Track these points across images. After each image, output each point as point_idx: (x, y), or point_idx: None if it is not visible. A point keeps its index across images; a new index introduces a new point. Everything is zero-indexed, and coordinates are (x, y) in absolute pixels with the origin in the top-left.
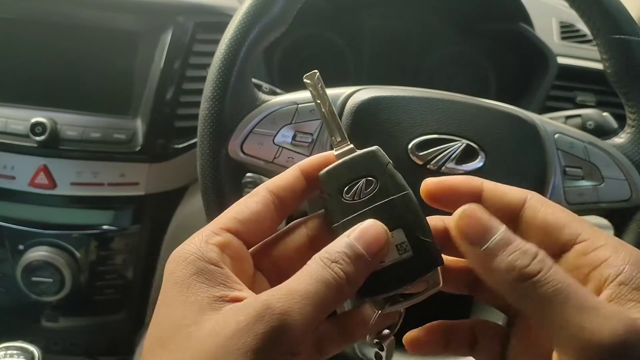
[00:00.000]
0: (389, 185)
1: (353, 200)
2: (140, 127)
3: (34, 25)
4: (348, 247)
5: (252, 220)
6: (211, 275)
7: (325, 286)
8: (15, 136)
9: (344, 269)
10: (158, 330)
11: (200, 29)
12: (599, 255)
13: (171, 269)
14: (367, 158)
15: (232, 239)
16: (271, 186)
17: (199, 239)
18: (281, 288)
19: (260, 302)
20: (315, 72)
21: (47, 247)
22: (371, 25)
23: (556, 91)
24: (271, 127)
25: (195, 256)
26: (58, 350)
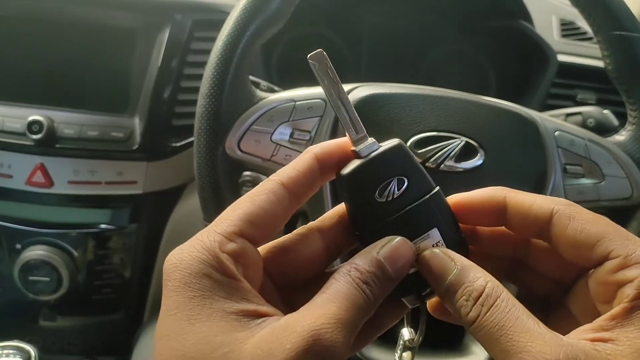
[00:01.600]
0: (420, 183)
1: (385, 202)
2: (138, 126)
3: (31, 23)
4: (378, 268)
5: (266, 222)
6: (232, 290)
7: (360, 311)
8: (12, 134)
9: (373, 291)
10: (183, 350)
11: (198, 27)
12: (627, 274)
13: (184, 280)
14: (394, 154)
15: (245, 245)
16: (285, 179)
17: (210, 244)
18: (322, 313)
19: (309, 330)
20: (321, 50)
21: (44, 246)
22: (370, 23)
23: (556, 89)
24: (268, 124)
25: (211, 268)
26: (56, 349)
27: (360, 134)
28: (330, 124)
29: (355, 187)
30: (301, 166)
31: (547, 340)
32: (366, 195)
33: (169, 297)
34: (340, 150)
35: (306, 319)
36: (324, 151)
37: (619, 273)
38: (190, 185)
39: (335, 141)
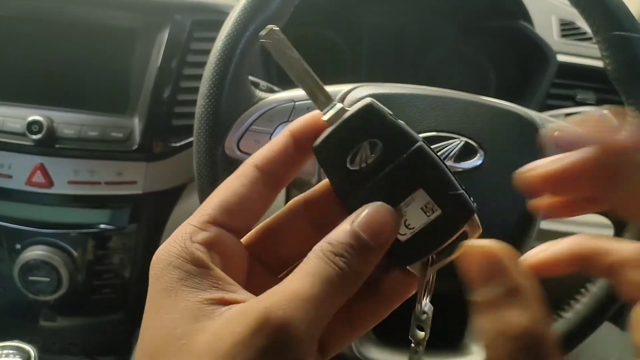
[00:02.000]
0: (396, 141)
1: (359, 170)
2: (138, 126)
3: (30, 23)
4: (353, 238)
5: (241, 207)
6: (200, 279)
7: (330, 285)
8: (11, 135)
9: (349, 262)
10: (147, 343)
11: (198, 27)
12: None
13: (156, 275)
14: (363, 116)
15: (220, 233)
16: (258, 160)
17: (182, 236)
18: (281, 291)
19: (259, 310)
20: (272, 27)
21: (44, 246)
22: (370, 23)
23: (556, 89)
24: (268, 124)
25: (181, 259)
26: (56, 349)
27: (327, 101)
28: None
29: (326, 158)
30: (275, 145)
31: None
32: (338, 165)
33: (148, 295)
34: (314, 123)
35: (261, 300)
36: (297, 127)
37: None
38: (190, 186)
39: (307, 115)
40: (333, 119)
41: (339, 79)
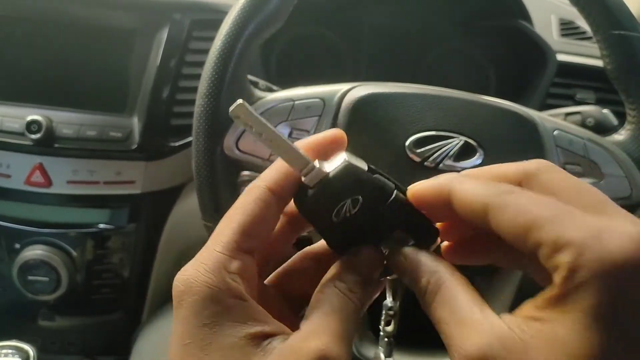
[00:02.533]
0: (374, 194)
1: (344, 220)
2: (137, 125)
3: (29, 23)
4: (359, 274)
5: (260, 230)
6: (240, 312)
7: (352, 317)
8: (10, 134)
9: (359, 297)
10: None
11: (197, 27)
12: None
13: (193, 308)
14: (343, 177)
15: (246, 259)
16: (271, 182)
17: (215, 265)
18: (324, 331)
19: (316, 350)
20: (239, 101)
21: (43, 245)
22: (370, 23)
23: (556, 88)
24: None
25: (219, 292)
26: (55, 349)
27: (305, 164)
28: (329, 123)
29: (312, 216)
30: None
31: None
32: (324, 220)
33: (181, 324)
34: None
35: (311, 339)
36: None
37: (550, 261)
38: (188, 185)
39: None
40: (313, 182)
41: (338, 78)
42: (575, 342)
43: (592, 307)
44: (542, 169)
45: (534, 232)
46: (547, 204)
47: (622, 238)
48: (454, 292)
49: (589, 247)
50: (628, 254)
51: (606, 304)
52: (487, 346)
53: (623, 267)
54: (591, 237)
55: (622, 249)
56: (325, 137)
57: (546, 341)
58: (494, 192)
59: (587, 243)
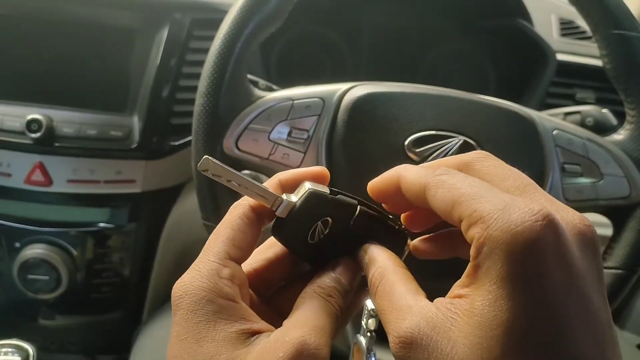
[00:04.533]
0: (341, 212)
1: (318, 241)
2: (137, 124)
3: (30, 22)
4: (336, 282)
5: (245, 242)
6: (232, 312)
7: (332, 318)
8: (11, 133)
9: (336, 301)
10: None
11: (197, 26)
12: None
13: (191, 308)
14: (309, 205)
15: (236, 267)
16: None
17: (208, 272)
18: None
19: (297, 338)
20: (205, 157)
21: (43, 244)
22: (370, 22)
23: (556, 88)
24: (266, 123)
25: (213, 294)
26: (55, 348)
27: (274, 199)
28: (328, 123)
29: (288, 241)
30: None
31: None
32: (300, 243)
33: (179, 324)
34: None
35: (292, 330)
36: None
37: (467, 233)
38: (188, 184)
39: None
40: (284, 213)
41: (338, 77)
42: (488, 314)
43: (499, 277)
44: (477, 158)
45: (457, 207)
46: (472, 183)
47: (523, 211)
48: (392, 284)
49: (494, 220)
50: (526, 225)
51: (510, 273)
52: (416, 327)
53: (522, 237)
54: (498, 210)
55: (523, 221)
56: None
57: (467, 316)
58: (432, 174)
59: (493, 216)
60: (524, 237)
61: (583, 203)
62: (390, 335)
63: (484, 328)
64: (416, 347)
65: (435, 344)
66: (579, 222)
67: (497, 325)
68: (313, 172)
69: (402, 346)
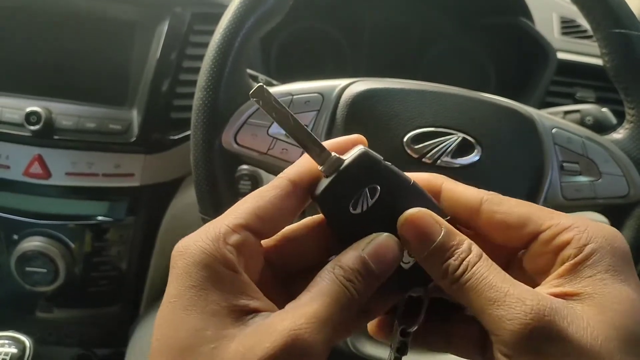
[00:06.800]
0: (393, 183)
1: (362, 213)
2: (136, 118)
3: (30, 14)
4: (362, 265)
5: (272, 215)
6: (230, 282)
7: (341, 306)
8: (9, 125)
9: (356, 287)
10: (173, 338)
11: (197, 20)
12: (563, 238)
13: (186, 269)
14: (360, 165)
15: (249, 237)
16: (292, 174)
17: (215, 234)
18: (303, 312)
19: (287, 331)
20: (260, 85)
21: (41, 237)
22: (371, 19)
23: (556, 87)
24: (266, 118)
25: (212, 258)
26: (52, 341)
27: (324, 152)
28: (328, 118)
29: (329, 207)
30: (304, 161)
31: (526, 289)
32: (341, 211)
33: (171, 284)
34: (309, 171)
35: (288, 317)
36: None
37: (555, 240)
38: (187, 179)
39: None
40: (330, 170)
41: (338, 73)
42: (609, 294)
43: (611, 268)
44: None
45: (534, 220)
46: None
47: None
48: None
49: (589, 227)
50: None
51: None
52: (547, 303)
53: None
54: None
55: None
56: (348, 139)
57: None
58: (489, 193)
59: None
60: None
61: (581, 202)
62: (511, 323)
63: (609, 306)
64: (551, 324)
65: (571, 318)
66: None
67: (620, 302)
68: (354, 138)
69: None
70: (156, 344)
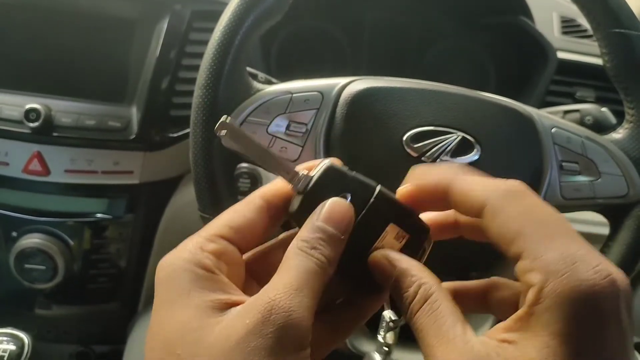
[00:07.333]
0: (361, 191)
1: None
2: (136, 115)
3: (29, 11)
4: (320, 231)
5: (245, 228)
6: (209, 282)
7: (314, 274)
8: (9, 122)
9: (323, 252)
10: (162, 335)
11: (197, 17)
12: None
13: (168, 277)
14: (327, 177)
15: (226, 245)
16: (263, 192)
17: (193, 245)
18: (276, 286)
19: (264, 303)
20: (224, 117)
21: (40, 234)
22: (371, 18)
23: (556, 86)
24: (265, 116)
25: (192, 264)
26: (51, 338)
27: (293, 172)
28: (327, 116)
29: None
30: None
31: (455, 346)
32: None
33: (156, 292)
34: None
35: (262, 295)
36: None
37: (525, 275)
38: (186, 176)
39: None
40: (300, 187)
41: (338, 72)
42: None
43: (559, 332)
44: None
45: (519, 243)
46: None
47: (590, 268)
48: (439, 308)
49: (562, 275)
50: (592, 284)
51: (572, 330)
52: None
53: (588, 296)
54: (566, 265)
55: (591, 280)
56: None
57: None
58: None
59: (561, 270)
60: (590, 296)
61: (580, 202)
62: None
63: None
64: None
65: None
66: (624, 277)
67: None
68: None
69: None
70: (148, 344)
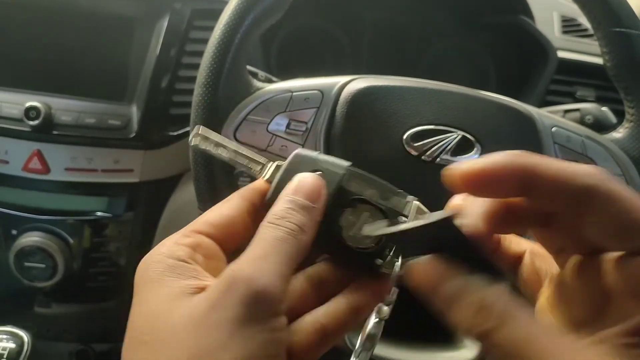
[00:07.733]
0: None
1: None
2: (135, 114)
3: (30, 10)
4: (290, 203)
5: (224, 225)
6: (182, 270)
7: (281, 241)
8: (9, 120)
9: (292, 220)
10: (134, 328)
11: (197, 16)
12: None
13: (142, 270)
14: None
15: (203, 239)
16: (242, 191)
17: (170, 241)
18: (240, 259)
19: (226, 276)
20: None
21: (40, 232)
22: (371, 17)
23: (556, 85)
24: (265, 114)
25: (164, 255)
26: (50, 336)
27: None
28: (327, 115)
29: None
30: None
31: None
32: None
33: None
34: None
35: (225, 271)
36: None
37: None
38: (186, 175)
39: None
40: (273, 176)
41: (339, 71)
42: None
43: None
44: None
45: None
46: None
47: None
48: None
49: None
50: None
51: None
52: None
53: None
54: None
55: None
56: None
57: None
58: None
59: None
60: None
61: None
62: None
63: None
64: None
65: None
66: None
67: None
68: None
69: None
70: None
